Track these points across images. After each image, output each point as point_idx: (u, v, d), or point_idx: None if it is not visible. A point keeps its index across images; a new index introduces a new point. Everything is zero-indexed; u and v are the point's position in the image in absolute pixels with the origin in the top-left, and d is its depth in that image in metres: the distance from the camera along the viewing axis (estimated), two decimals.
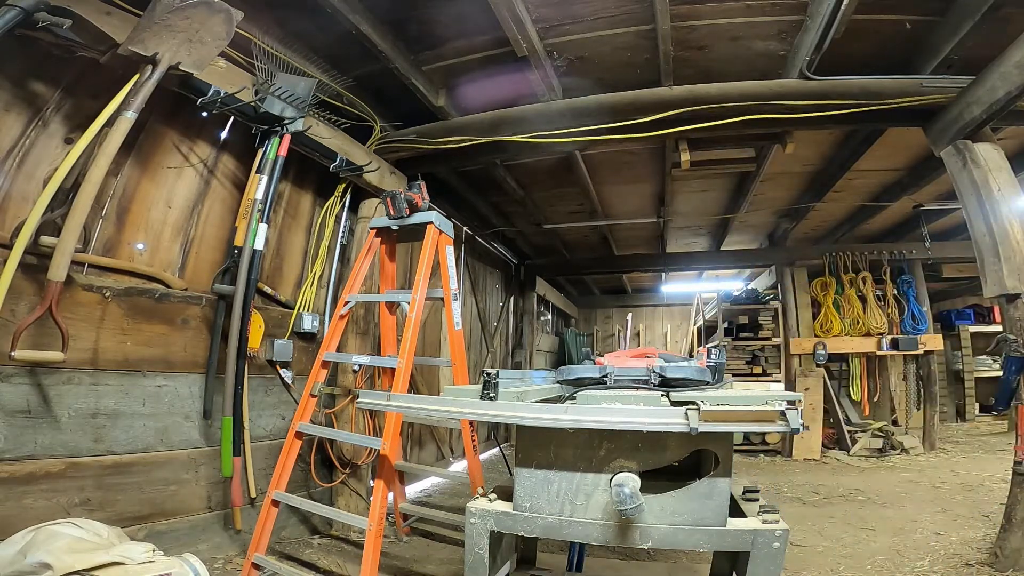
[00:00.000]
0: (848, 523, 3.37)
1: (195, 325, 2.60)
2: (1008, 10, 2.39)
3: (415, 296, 2.54)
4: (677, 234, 7.04)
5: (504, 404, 1.55)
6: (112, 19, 2.06)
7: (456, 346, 2.82)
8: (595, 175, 4.81)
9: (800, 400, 1.36)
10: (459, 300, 2.98)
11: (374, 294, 3.19)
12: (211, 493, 2.59)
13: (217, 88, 2.47)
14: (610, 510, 1.47)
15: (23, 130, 2.06)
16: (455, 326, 2.83)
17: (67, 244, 1.92)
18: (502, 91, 3.35)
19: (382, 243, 2.93)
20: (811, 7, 2.61)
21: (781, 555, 1.42)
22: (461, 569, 1.67)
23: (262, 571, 2.38)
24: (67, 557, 1.64)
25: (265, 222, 2.71)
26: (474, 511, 1.60)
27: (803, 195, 5.35)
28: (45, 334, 1.94)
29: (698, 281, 9.89)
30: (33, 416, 1.99)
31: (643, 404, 1.55)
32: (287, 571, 2.35)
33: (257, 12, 2.50)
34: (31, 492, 1.95)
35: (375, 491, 2.28)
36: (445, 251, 2.77)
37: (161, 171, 2.59)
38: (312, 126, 2.96)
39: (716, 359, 2.14)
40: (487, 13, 2.60)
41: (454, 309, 2.83)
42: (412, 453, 4.82)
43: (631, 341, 11.01)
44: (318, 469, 3.22)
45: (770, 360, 6.86)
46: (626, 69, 3.15)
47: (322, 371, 2.73)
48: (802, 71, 2.86)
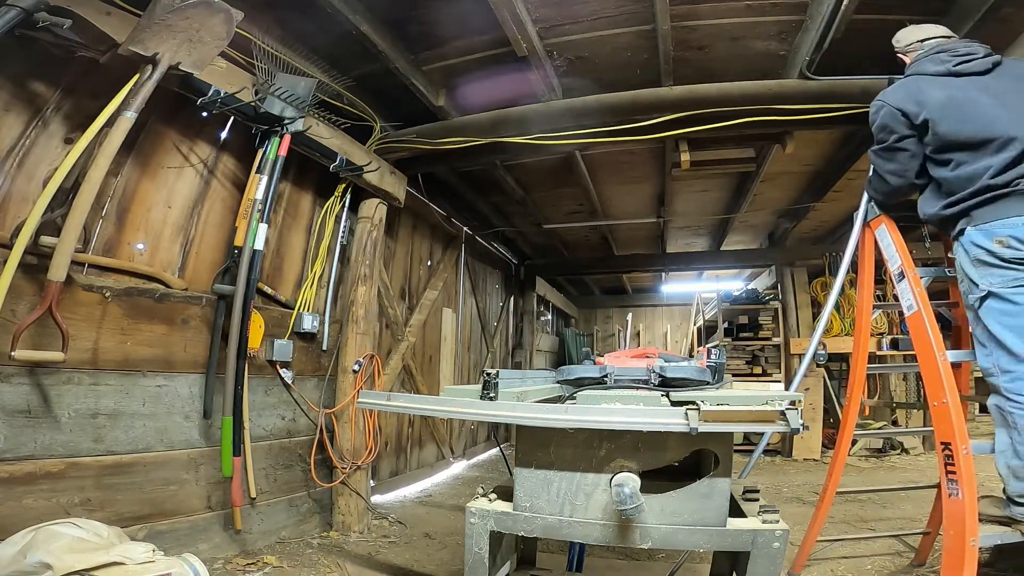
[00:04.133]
0: (848, 523, 3.37)
1: (195, 325, 2.60)
2: (1008, 10, 2.39)
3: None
4: (677, 234, 7.04)
5: (504, 404, 1.55)
6: (112, 19, 2.06)
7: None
8: (595, 175, 4.81)
9: (800, 400, 1.36)
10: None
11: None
12: (211, 493, 2.59)
13: (217, 88, 2.47)
14: (610, 510, 1.47)
15: (23, 130, 2.06)
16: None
17: (67, 244, 1.92)
18: (502, 91, 3.35)
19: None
20: (811, 7, 2.60)
21: (781, 555, 1.41)
22: (461, 569, 1.67)
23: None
24: (67, 557, 1.64)
25: (265, 222, 2.71)
26: (474, 511, 1.60)
27: (803, 195, 5.34)
28: (45, 334, 1.94)
29: (698, 281, 9.89)
30: (33, 416, 1.99)
31: (643, 404, 1.55)
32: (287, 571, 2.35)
33: (257, 12, 2.50)
34: (31, 492, 1.95)
35: None
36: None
37: (161, 171, 2.59)
38: (312, 126, 2.96)
39: (716, 359, 2.14)
40: (487, 13, 2.60)
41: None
42: (412, 453, 4.82)
43: (631, 341, 11.01)
44: (318, 469, 3.22)
45: (770, 360, 6.86)
46: (626, 69, 3.15)
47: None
48: (802, 71, 2.86)
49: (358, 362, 3.41)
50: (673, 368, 1.92)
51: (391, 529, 3.42)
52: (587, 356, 2.65)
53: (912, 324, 2.01)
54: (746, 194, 5.09)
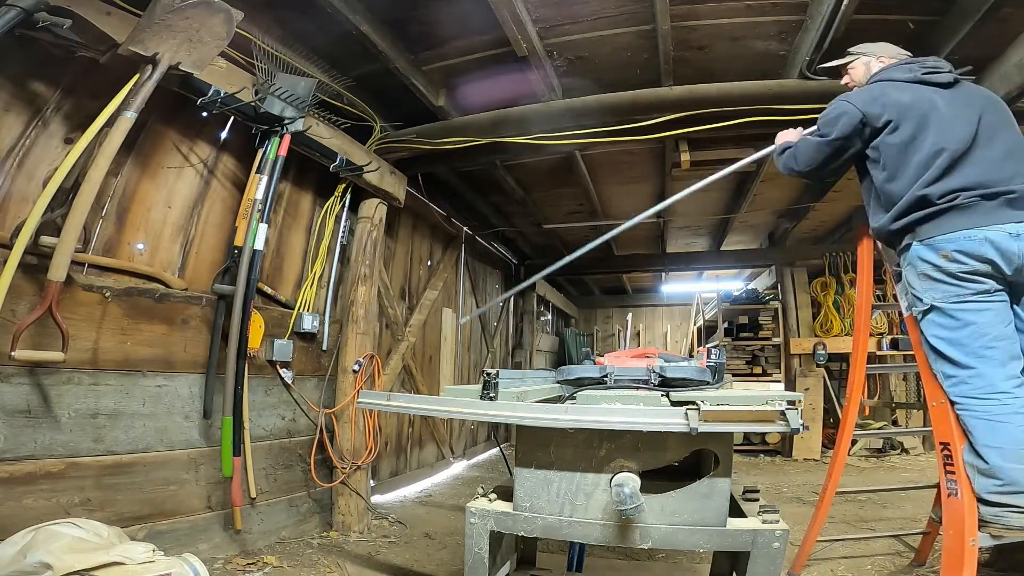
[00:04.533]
0: (848, 523, 3.37)
1: (195, 325, 2.60)
2: (1008, 10, 2.39)
3: None
4: (677, 234, 7.04)
5: (504, 404, 1.55)
6: (112, 19, 2.06)
7: None
8: (595, 175, 4.81)
9: (800, 400, 1.37)
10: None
11: None
12: (211, 493, 2.59)
13: (217, 88, 2.47)
14: (610, 510, 1.47)
15: (23, 130, 2.06)
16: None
17: (67, 244, 1.92)
18: (502, 91, 3.35)
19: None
20: (811, 7, 2.60)
21: (781, 555, 1.42)
22: (461, 569, 1.67)
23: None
24: (67, 557, 1.64)
25: (265, 222, 2.71)
26: (474, 511, 1.60)
27: (803, 195, 5.34)
28: (45, 334, 1.94)
29: (698, 281, 9.89)
30: (33, 416, 1.99)
31: (643, 404, 1.56)
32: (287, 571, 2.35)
33: (257, 12, 2.50)
34: (31, 492, 1.95)
35: None
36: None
37: (161, 171, 2.59)
38: (312, 126, 2.96)
39: (716, 359, 2.15)
40: (487, 13, 2.60)
41: None
42: (412, 453, 4.82)
43: (631, 341, 11.01)
44: (318, 469, 3.22)
45: (770, 360, 6.86)
46: (626, 69, 3.15)
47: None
48: (802, 71, 2.86)
49: (358, 362, 3.41)
50: (673, 368, 1.92)
51: (391, 529, 3.42)
52: (587, 356, 2.65)
53: (911, 324, 2.01)
54: (746, 194, 5.09)
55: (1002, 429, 1.62)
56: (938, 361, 1.81)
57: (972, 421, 1.69)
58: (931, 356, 1.84)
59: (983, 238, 1.68)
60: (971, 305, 1.71)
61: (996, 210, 1.69)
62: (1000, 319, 1.71)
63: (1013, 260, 1.67)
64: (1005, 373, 1.67)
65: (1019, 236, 1.66)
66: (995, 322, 1.70)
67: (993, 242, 1.67)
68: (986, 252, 1.68)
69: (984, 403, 1.67)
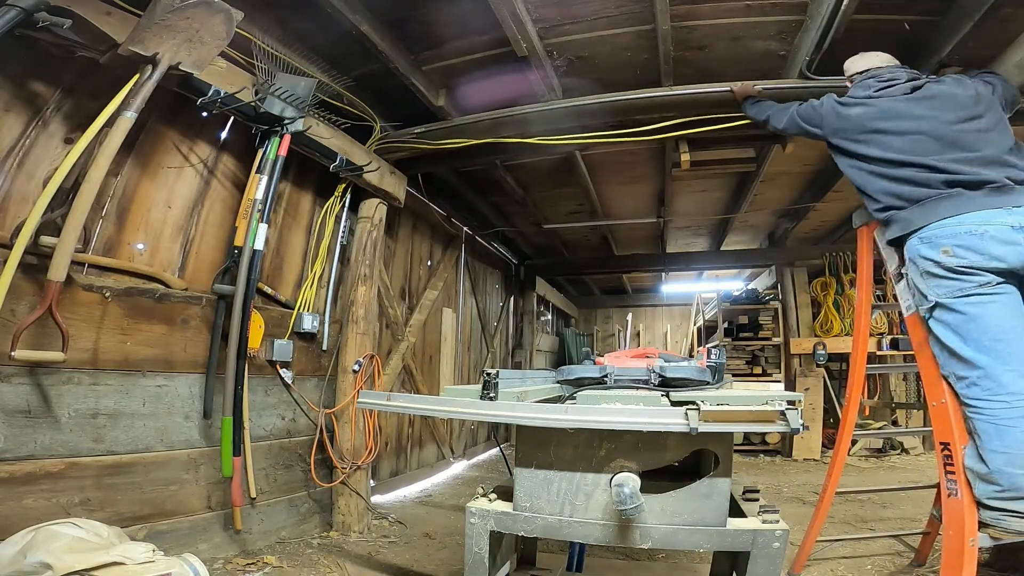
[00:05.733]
0: (848, 523, 3.37)
1: (195, 325, 2.60)
2: (1008, 10, 2.38)
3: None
4: (677, 234, 7.03)
5: (504, 404, 1.55)
6: (112, 19, 2.06)
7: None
8: (595, 175, 4.81)
9: (800, 400, 1.37)
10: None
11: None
12: (211, 493, 2.59)
13: (217, 88, 2.47)
14: (610, 510, 1.48)
15: (23, 130, 2.06)
16: None
17: (67, 244, 1.91)
18: (502, 91, 3.34)
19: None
20: (811, 7, 2.60)
21: (781, 555, 1.42)
22: (461, 569, 1.67)
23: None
24: (67, 557, 1.64)
25: (265, 222, 2.71)
26: (474, 511, 1.60)
27: (803, 195, 5.34)
28: (45, 334, 1.94)
29: (698, 281, 9.89)
30: (33, 416, 1.99)
31: (643, 404, 1.56)
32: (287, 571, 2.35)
33: (257, 12, 2.50)
34: (31, 492, 1.95)
35: None
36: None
37: (161, 171, 2.59)
38: (312, 126, 2.96)
39: (716, 359, 2.15)
40: (487, 13, 2.60)
41: None
42: (412, 453, 4.82)
43: (631, 341, 11.01)
44: (318, 469, 3.22)
45: (770, 360, 6.86)
46: (626, 69, 3.14)
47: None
48: (802, 71, 2.86)
49: (358, 362, 3.41)
50: (673, 368, 1.92)
51: (391, 529, 3.42)
52: (587, 356, 2.65)
53: (911, 324, 2.01)
54: (746, 194, 5.08)
55: (1008, 433, 1.61)
56: (950, 362, 1.80)
57: (981, 424, 1.68)
58: (942, 358, 1.83)
59: (968, 232, 1.75)
60: (975, 299, 1.72)
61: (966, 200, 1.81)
62: (1007, 312, 1.70)
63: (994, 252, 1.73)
64: (1015, 371, 1.65)
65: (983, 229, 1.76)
66: (1002, 315, 1.70)
67: (985, 236, 1.72)
68: (978, 246, 1.73)
69: (992, 405, 1.65)
